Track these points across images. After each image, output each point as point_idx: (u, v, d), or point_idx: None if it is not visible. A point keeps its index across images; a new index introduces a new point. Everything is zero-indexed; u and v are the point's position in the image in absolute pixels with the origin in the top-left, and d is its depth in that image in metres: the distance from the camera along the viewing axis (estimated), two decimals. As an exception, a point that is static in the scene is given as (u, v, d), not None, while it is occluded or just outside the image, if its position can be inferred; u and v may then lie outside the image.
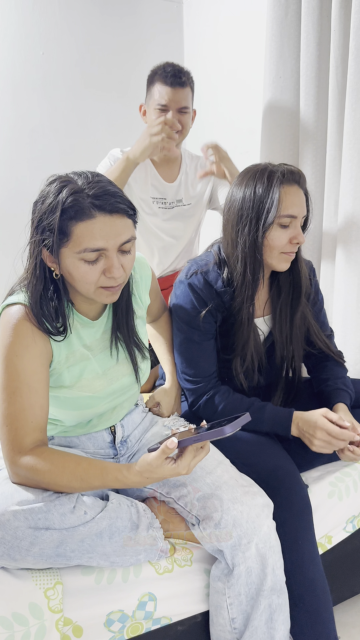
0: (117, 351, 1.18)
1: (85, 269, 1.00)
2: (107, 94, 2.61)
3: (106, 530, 1.02)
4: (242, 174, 1.30)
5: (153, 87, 1.83)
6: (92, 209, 0.96)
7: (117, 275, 1.01)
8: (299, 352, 1.44)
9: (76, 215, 0.96)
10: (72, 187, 0.97)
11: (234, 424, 0.92)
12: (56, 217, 0.96)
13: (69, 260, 1.00)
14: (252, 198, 1.25)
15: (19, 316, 1.03)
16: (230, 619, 1.10)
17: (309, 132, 1.78)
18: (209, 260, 1.35)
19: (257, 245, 1.26)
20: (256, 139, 2.12)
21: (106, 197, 0.97)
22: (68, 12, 2.46)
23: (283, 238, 1.26)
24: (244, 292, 1.30)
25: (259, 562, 1.08)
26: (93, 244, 0.98)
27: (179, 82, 1.79)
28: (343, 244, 1.73)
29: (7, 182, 2.43)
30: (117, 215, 0.99)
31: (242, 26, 2.29)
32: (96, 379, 1.15)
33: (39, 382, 1.03)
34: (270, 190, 1.23)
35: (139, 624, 1.09)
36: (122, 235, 1.00)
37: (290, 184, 1.25)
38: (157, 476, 0.96)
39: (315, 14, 1.69)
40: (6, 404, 1.01)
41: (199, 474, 1.16)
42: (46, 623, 1.00)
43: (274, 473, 1.22)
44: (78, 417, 1.16)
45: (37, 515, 0.96)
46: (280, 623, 1.11)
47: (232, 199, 1.30)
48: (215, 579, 1.12)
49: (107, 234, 0.98)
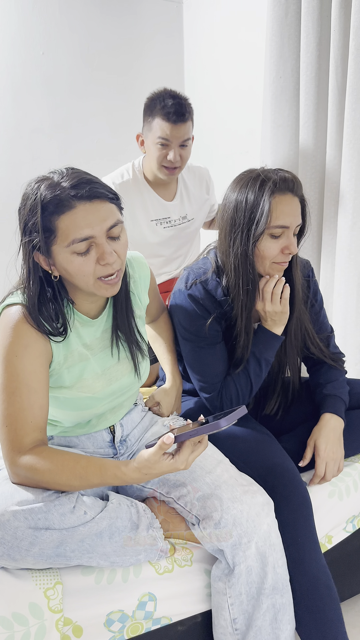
0: (117, 350, 1.18)
1: (79, 262, 1.00)
2: (107, 94, 2.61)
3: (106, 530, 1.02)
4: (237, 179, 1.29)
5: (153, 121, 1.81)
6: (72, 200, 0.97)
7: (110, 260, 1.01)
8: (294, 359, 1.44)
9: (57, 209, 0.97)
10: (48, 182, 0.98)
11: (229, 417, 0.92)
12: (38, 215, 0.97)
13: (61, 256, 1.00)
14: (244, 207, 1.23)
15: (18, 317, 1.03)
16: (232, 620, 1.10)
17: (309, 132, 1.78)
18: (206, 269, 1.34)
19: (248, 256, 1.25)
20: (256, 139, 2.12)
21: (82, 185, 0.98)
22: (68, 12, 2.46)
23: (274, 248, 1.24)
24: (239, 303, 1.29)
25: (259, 561, 1.08)
26: (79, 234, 0.97)
27: (182, 119, 1.77)
28: (343, 243, 1.73)
29: (8, 182, 2.43)
30: (98, 200, 0.99)
31: (241, 26, 2.29)
32: (96, 379, 1.15)
33: (39, 382, 1.03)
34: (260, 200, 1.21)
35: (139, 624, 1.09)
36: (106, 220, 1.00)
37: (282, 192, 1.22)
38: (156, 472, 0.96)
39: (315, 14, 1.69)
40: (5, 404, 1.01)
41: (199, 473, 1.16)
42: (46, 623, 1.00)
43: (272, 470, 1.22)
44: (77, 417, 1.16)
45: (37, 515, 0.96)
46: (286, 623, 1.10)
47: (226, 205, 1.28)
48: (216, 579, 1.12)
49: (91, 221, 0.98)
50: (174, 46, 2.71)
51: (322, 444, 1.32)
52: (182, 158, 1.84)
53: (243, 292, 1.28)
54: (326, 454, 1.31)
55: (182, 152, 1.83)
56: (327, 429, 1.34)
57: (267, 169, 1.27)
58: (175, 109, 1.75)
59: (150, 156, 1.86)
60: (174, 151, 1.80)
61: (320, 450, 1.31)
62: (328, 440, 1.32)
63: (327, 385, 1.41)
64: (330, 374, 1.44)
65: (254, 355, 1.33)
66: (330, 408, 1.37)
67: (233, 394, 1.33)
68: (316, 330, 1.45)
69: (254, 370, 1.33)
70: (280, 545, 1.12)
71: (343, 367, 1.48)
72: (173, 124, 1.76)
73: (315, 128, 1.77)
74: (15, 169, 2.44)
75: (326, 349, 1.45)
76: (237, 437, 1.30)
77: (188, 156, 1.88)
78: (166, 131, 1.77)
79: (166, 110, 1.75)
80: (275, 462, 1.24)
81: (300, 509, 1.18)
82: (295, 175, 1.27)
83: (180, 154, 1.82)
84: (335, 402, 1.38)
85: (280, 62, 1.82)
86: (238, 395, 1.33)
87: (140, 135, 1.90)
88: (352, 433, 1.39)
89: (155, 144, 1.81)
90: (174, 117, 1.75)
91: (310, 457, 1.34)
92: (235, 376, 1.34)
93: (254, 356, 1.33)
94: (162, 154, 1.81)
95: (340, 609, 1.17)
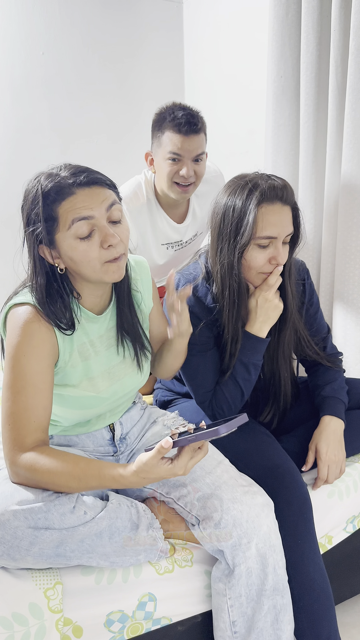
0: (122, 348, 1.18)
1: (83, 247, 1.01)
2: (107, 94, 2.61)
3: (106, 531, 1.02)
4: (228, 184, 1.26)
5: (162, 136, 1.66)
6: (72, 187, 0.99)
7: (114, 241, 1.02)
8: (286, 367, 1.42)
9: (57, 196, 0.99)
10: (48, 173, 1.02)
11: (229, 424, 0.92)
12: (39, 204, 0.99)
13: (65, 243, 1.01)
14: (231, 215, 1.21)
15: (27, 316, 1.04)
16: (231, 622, 1.09)
17: (309, 132, 1.78)
18: (196, 274, 1.33)
19: (234, 267, 1.23)
20: (256, 139, 2.12)
21: (81, 173, 1.01)
22: (68, 12, 2.46)
23: (260, 259, 1.22)
24: (226, 312, 1.28)
25: (259, 562, 1.08)
26: (79, 213, 0.99)
27: (194, 130, 1.63)
28: (343, 243, 1.73)
29: (8, 182, 2.43)
30: (96, 186, 1.01)
31: (242, 26, 2.29)
32: (100, 378, 1.15)
33: (44, 383, 1.04)
34: (247, 210, 1.18)
35: (139, 624, 1.09)
36: (105, 201, 1.02)
37: (270, 202, 1.18)
38: (154, 476, 0.96)
39: (316, 14, 1.69)
40: (10, 403, 1.02)
41: (199, 473, 1.16)
42: (46, 623, 1.00)
43: (273, 472, 1.22)
44: (79, 416, 1.16)
45: (37, 515, 0.96)
46: (287, 623, 1.10)
47: (215, 210, 1.26)
48: (216, 580, 1.12)
49: (90, 203, 1.00)
50: (174, 45, 2.71)
51: (324, 447, 1.31)
52: (197, 174, 1.70)
53: (230, 303, 1.27)
54: (328, 457, 1.31)
55: (196, 168, 1.69)
56: (328, 432, 1.33)
57: (259, 175, 1.23)
58: (186, 119, 1.63)
59: (160, 174, 1.72)
60: (186, 166, 1.66)
61: (322, 453, 1.31)
62: (329, 443, 1.32)
63: (325, 387, 1.41)
64: (328, 375, 1.43)
65: (240, 361, 1.31)
66: (330, 410, 1.36)
67: (223, 401, 1.32)
68: (312, 333, 1.44)
69: (242, 376, 1.31)
70: (280, 547, 1.12)
71: (340, 366, 1.47)
72: (185, 136, 1.63)
73: (315, 128, 1.77)
74: (15, 169, 2.44)
75: (322, 352, 1.44)
76: (237, 437, 1.29)
77: (203, 172, 1.73)
78: (177, 144, 1.63)
79: (177, 121, 1.63)
80: (276, 463, 1.24)
81: (301, 510, 1.18)
82: (287, 182, 1.23)
83: (194, 170, 1.68)
84: (335, 403, 1.38)
85: (281, 62, 1.82)
86: (229, 402, 1.32)
87: (149, 154, 1.75)
88: (352, 433, 1.39)
89: (165, 159, 1.67)
90: (186, 127, 1.62)
91: (312, 461, 1.33)
92: (224, 384, 1.32)
93: (241, 362, 1.31)
94: (174, 169, 1.67)
95: (334, 611, 1.18)
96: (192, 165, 1.68)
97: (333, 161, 1.74)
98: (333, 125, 1.71)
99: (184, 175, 1.66)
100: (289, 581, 1.14)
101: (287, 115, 1.85)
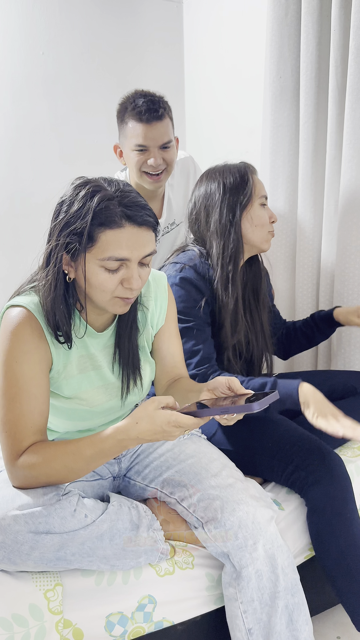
0: (119, 366, 1.15)
1: (104, 277, 0.99)
2: (107, 94, 2.60)
3: (107, 533, 1.02)
4: (206, 173, 1.42)
5: (125, 126, 1.60)
6: (123, 219, 0.96)
7: (135, 286, 1.00)
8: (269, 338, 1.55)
9: (105, 222, 0.96)
10: (104, 194, 0.97)
11: (262, 402, 0.86)
12: (87, 222, 0.95)
13: (89, 265, 0.99)
14: (223, 185, 1.37)
15: (19, 320, 1.02)
16: (247, 630, 1.06)
17: (308, 132, 1.78)
18: (191, 257, 1.39)
19: (235, 217, 1.36)
20: (256, 139, 2.12)
21: (137, 209, 0.98)
22: (68, 12, 2.45)
23: (265, 216, 1.41)
24: (224, 273, 1.36)
25: (269, 564, 1.07)
26: (119, 253, 0.97)
27: (156, 116, 1.56)
28: (343, 243, 1.73)
29: (8, 182, 2.43)
30: (145, 227, 0.99)
31: (242, 26, 2.29)
32: (95, 394, 1.13)
33: (39, 388, 1.02)
34: (244, 176, 1.38)
35: (140, 628, 1.09)
36: (146, 247, 1.00)
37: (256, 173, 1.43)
38: (153, 425, 0.91)
39: (315, 14, 1.69)
40: (5, 410, 1.00)
41: (204, 475, 1.16)
42: (46, 624, 1.00)
43: (319, 450, 1.24)
44: (72, 427, 1.16)
45: (38, 519, 0.96)
46: (303, 623, 1.08)
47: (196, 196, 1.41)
48: (226, 585, 1.10)
49: (133, 245, 0.98)
50: (174, 45, 2.70)
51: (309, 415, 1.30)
52: (166, 161, 1.63)
53: (229, 256, 1.37)
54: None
55: (165, 155, 1.62)
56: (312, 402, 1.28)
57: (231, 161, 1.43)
58: (147, 106, 1.54)
59: (130, 166, 1.66)
60: (154, 155, 1.59)
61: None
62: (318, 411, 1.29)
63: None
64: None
65: (273, 381, 1.29)
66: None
67: None
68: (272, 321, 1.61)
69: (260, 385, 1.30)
70: (287, 548, 1.10)
71: None
72: (147, 124, 1.55)
73: (315, 128, 1.77)
74: (15, 169, 2.44)
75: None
76: (261, 421, 1.32)
77: (173, 158, 1.66)
78: (141, 134, 1.56)
79: (137, 109, 1.55)
80: (317, 443, 1.26)
81: (349, 487, 1.21)
82: None
83: (162, 157, 1.62)
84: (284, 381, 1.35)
85: (280, 62, 1.82)
86: None
87: (117, 146, 1.70)
88: None
89: (132, 150, 1.61)
90: (146, 115, 1.54)
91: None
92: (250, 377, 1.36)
93: (272, 381, 1.29)
94: (141, 159, 1.61)
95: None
96: (160, 153, 1.62)
97: (333, 161, 1.74)
98: (333, 125, 1.71)
99: (152, 164, 1.61)
100: (344, 561, 1.16)
101: (286, 115, 1.85)
